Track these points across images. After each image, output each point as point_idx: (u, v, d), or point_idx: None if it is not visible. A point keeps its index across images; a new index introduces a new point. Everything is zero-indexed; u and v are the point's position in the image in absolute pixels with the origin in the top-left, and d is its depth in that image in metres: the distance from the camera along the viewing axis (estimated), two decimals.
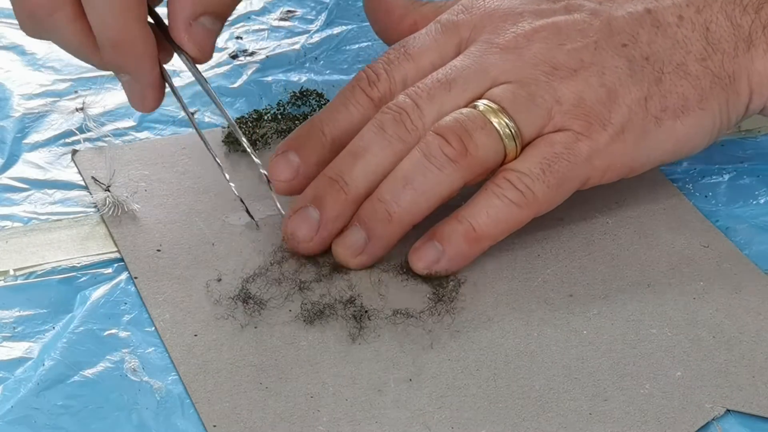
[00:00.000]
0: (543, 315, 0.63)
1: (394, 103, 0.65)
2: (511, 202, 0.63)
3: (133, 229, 0.67)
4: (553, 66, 0.65)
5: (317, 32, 0.87)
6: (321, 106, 0.76)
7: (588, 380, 0.59)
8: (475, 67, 0.66)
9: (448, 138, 0.63)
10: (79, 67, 0.81)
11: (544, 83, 0.65)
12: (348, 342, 0.61)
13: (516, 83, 0.65)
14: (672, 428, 0.56)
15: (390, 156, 0.64)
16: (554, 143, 0.64)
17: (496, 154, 0.64)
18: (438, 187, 0.63)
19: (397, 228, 0.63)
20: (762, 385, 0.59)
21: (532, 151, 0.64)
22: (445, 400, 0.57)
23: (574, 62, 0.65)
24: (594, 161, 0.64)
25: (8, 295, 0.63)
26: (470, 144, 0.63)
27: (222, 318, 0.62)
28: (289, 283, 0.64)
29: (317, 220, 0.64)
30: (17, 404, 0.56)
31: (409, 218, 0.63)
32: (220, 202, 0.70)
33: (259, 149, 0.73)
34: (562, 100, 0.64)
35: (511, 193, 0.63)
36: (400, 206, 0.63)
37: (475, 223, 0.63)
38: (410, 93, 0.65)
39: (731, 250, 0.67)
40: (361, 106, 0.67)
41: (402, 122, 0.64)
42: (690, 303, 0.64)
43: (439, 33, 0.69)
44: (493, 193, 0.63)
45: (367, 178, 0.64)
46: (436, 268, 0.63)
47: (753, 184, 0.73)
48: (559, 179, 0.64)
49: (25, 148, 0.74)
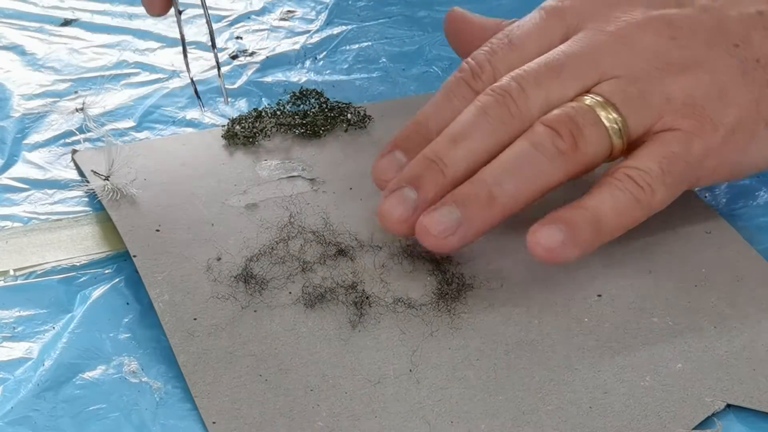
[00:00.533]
0: (544, 301, 0.62)
1: (498, 85, 0.63)
2: (633, 197, 0.61)
3: (131, 210, 0.67)
4: (665, 61, 0.63)
5: (317, 32, 0.87)
6: (321, 104, 0.76)
7: (588, 371, 0.58)
8: (585, 56, 0.63)
9: (560, 131, 0.61)
10: (79, 68, 0.81)
11: (655, 80, 0.63)
12: (348, 329, 0.60)
13: (626, 78, 0.63)
14: (672, 423, 0.56)
15: (491, 140, 0.62)
16: (669, 143, 0.62)
17: (603, 150, 0.62)
18: (544, 177, 0.61)
19: (497, 213, 0.61)
20: (763, 379, 0.58)
21: (648, 150, 0.62)
22: (444, 393, 0.57)
23: (686, 58, 0.63)
24: (706, 162, 0.62)
25: (8, 295, 0.63)
26: (580, 139, 0.61)
27: (222, 298, 0.62)
28: (292, 263, 0.64)
29: (414, 200, 0.61)
30: (17, 405, 0.56)
31: (511, 205, 0.61)
32: (221, 187, 0.70)
33: (258, 142, 0.73)
34: (672, 99, 0.62)
35: (634, 188, 0.61)
36: (503, 191, 0.60)
37: (601, 212, 0.60)
38: (516, 76, 0.63)
39: (734, 236, 0.67)
40: (465, 99, 0.64)
41: (506, 105, 0.62)
42: (691, 290, 0.63)
43: (544, 20, 0.66)
44: (616, 187, 0.61)
45: (466, 161, 0.62)
46: (557, 255, 0.60)
47: (753, 184, 0.73)
48: (676, 180, 0.62)
49: (25, 148, 0.74)
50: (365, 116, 0.75)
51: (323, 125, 0.74)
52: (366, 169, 0.71)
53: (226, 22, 0.86)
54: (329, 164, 0.72)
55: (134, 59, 0.83)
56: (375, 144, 0.74)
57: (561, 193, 0.62)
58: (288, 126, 0.74)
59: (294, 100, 0.77)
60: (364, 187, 0.70)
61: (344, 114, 0.75)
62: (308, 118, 0.74)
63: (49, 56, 0.82)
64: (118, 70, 0.81)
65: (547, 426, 0.56)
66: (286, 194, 0.69)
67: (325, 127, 0.74)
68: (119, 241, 0.66)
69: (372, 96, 0.80)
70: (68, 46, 0.83)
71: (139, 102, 0.78)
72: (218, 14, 0.87)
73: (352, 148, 0.74)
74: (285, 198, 0.69)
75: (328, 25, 0.87)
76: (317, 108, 0.76)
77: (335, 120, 0.75)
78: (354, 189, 0.70)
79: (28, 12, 0.87)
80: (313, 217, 0.67)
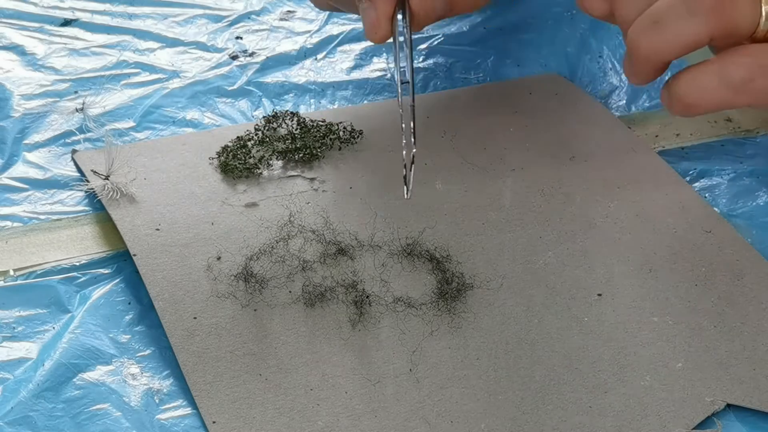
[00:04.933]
0: (544, 300, 0.62)
1: None
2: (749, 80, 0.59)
3: (131, 210, 0.67)
4: None
5: (317, 32, 0.87)
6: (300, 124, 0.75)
7: (589, 371, 0.58)
8: None
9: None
10: (79, 68, 0.81)
11: None
12: (348, 328, 0.60)
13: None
14: (672, 423, 0.56)
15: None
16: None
17: (749, 25, 0.60)
18: (686, 31, 0.59)
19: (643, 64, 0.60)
20: (763, 379, 0.58)
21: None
22: (444, 392, 0.57)
23: None
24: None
25: (8, 295, 0.63)
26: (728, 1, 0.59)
27: (222, 297, 0.62)
28: (292, 262, 0.64)
29: None
30: (17, 405, 0.56)
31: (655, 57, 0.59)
32: (220, 186, 0.70)
33: (260, 171, 0.72)
34: None
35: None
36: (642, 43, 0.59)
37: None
38: None
39: (733, 235, 0.67)
40: None
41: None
42: (692, 290, 0.63)
43: None
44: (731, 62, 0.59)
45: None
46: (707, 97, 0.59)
47: (753, 184, 0.73)
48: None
49: (25, 148, 0.74)
50: (353, 131, 0.75)
51: (320, 147, 0.73)
52: (366, 168, 0.71)
53: (226, 22, 0.86)
54: (329, 164, 0.72)
55: (134, 59, 0.83)
56: (374, 144, 0.74)
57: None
58: (284, 152, 0.73)
59: (267, 123, 0.75)
60: (364, 186, 0.70)
61: (335, 132, 0.74)
62: (300, 141, 0.73)
63: (49, 56, 0.82)
64: (118, 70, 0.81)
65: (547, 426, 0.56)
66: (286, 193, 0.69)
67: (321, 149, 0.73)
68: (119, 240, 0.66)
69: (372, 96, 0.80)
70: (68, 46, 0.83)
71: (139, 102, 0.78)
72: (218, 14, 0.87)
73: (352, 148, 0.74)
74: (285, 197, 0.69)
75: (327, 25, 0.87)
76: (299, 129, 0.75)
77: (326, 138, 0.74)
78: (354, 188, 0.70)
79: (28, 12, 0.87)
80: (313, 216, 0.67)
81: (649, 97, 0.82)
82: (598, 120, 0.77)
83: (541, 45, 0.86)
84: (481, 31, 0.87)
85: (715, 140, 0.78)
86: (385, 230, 0.66)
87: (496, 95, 0.80)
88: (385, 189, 0.70)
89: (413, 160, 0.63)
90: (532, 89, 0.80)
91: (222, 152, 0.72)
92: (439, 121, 0.76)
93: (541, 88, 0.80)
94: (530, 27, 0.88)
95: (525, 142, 0.75)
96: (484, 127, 0.76)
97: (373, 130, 0.75)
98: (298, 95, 0.80)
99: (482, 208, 0.69)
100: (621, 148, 0.74)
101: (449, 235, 0.66)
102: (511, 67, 0.84)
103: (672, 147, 0.77)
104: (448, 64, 0.84)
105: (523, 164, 0.72)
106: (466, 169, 0.72)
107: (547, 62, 0.85)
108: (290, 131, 0.74)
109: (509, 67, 0.84)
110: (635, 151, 0.74)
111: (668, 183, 0.71)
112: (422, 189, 0.70)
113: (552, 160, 0.73)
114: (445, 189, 0.70)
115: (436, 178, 0.71)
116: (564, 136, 0.75)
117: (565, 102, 0.79)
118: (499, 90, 0.81)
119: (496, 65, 0.84)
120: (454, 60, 0.84)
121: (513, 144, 0.74)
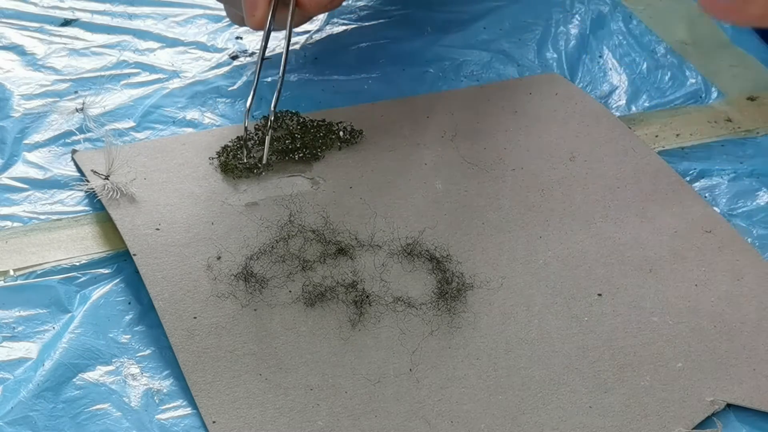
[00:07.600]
0: (544, 300, 0.62)
1: None
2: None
3: (131, 210, 0.67)
4: None
5: (317, 32, 0.87)
6: (301, 124, 0.75)
7: (589, 371, 0.58)
8: None
9: None
10: (79, 68, 0.81)
11: None
12: (348, 328, 0.60)
13: None
14: (672, 423, 0.56)
15: None
16: None
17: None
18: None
19: None
20: (763, 379, 0.58)
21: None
22: (444, 392, 0.57)
23: None
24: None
25: (8, 295, 0.63)
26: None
27: (222, 297, 0.62)
28: (292, 261, 0.64)
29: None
30: (17, 405, 0.56)
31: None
32: (220, 186, 0.70)
33: (260, 171, 0.71)
34: None
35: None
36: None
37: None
38: None
39: (733, 235, 0.67)
40: None
41: None
42: (691, 290, 0.63)
43: None
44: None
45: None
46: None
47: (753, 184, 0.73)
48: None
49: (25, 148, 0.74)
50: (353, 131, 0.75)
51: (320, 147, 0.73)
52: (366, 168, 0.71)
53: (226, 22, 0.86)
54: (329, 164, 0.72)
55: (134, 59, 0.82)
56: (374, 144, 0.74)
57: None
58: (284, 152, 0.73)
59: (266, 123, 0.75)
60: (364, 186, 0.70)
61: (335, 132, 0.74)
62: (300, 141, 0.73)
63: (49, 56, 0.82)
64: (118, 70, 0.81)
65: (547, 426, 0.56)
66: (286, 193, 0.69)
67: (321, 149, 0.73)
68: (119, 240, 0.66)
69: (371, 96, 0.80)
70: (68, 46, 0.83)
71: (139, 102, 0.78)
72: (218, 14, 0.87)
73: (352, 148, 0.74)
74: (285, 197, 0.69)
75: (327, 25, 0.87)
76: (299, 129, 0.74)
77: (326, 138, 0.74)
78: (354, 188, 0.70)
79: (28, 12, 0.87)
80: (313, 216, 0.67)
81: (649, 97, 0.82)
82: (598, 120, 0.77)
83: (541, 45, 0.86)
84: (481, 31, 0.87)
85: (715, 140, 0.78)
86: (385, 230, 0.66)
87: (496, 95, 0.80)
88: (385, 189, 0.70)
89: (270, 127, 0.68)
90: (532, 89, 0.80)
91: (222, 152, 0.72)
92: (439, 121, 0.76)
93: (541, 88, 0.80)
94: (530, 27, 0.88)
95: (525, 142, 0.75)
96: (484, 127, 0.76)
97: (373, 130, 0.75)
98: (298, 95, 0.80)
99: (482, 208, 0.69)
100: (621, 148, 0.74)
101: (449, 235, 0.66)
102: (511, 67, 0.84)
103: (672, 147, 0.77)
104: (448, 64, 0.84)
105: (523, 164, 0.72)
106: (466, 169, 0.72)
107: (547, 62, 0.85)
108: (290, 131, 0.74)
109: (509, 67, 0.84)
110: (635, 151, 0.74)
111: (668, 183, 0.71)
112: (422, 189, 0.70)
113: (552, 160, 0.73)
114: (445, 189, 0.70)
115: (436, 178, 0.71)
116: (564, 136, 0.75)
117: (565, 102, 0.79)
118: (499, 90, 0.81)
119: (496, 65, 0.84)
120: (454, 60, 0.84)
121: (513, 144, 0.74)
